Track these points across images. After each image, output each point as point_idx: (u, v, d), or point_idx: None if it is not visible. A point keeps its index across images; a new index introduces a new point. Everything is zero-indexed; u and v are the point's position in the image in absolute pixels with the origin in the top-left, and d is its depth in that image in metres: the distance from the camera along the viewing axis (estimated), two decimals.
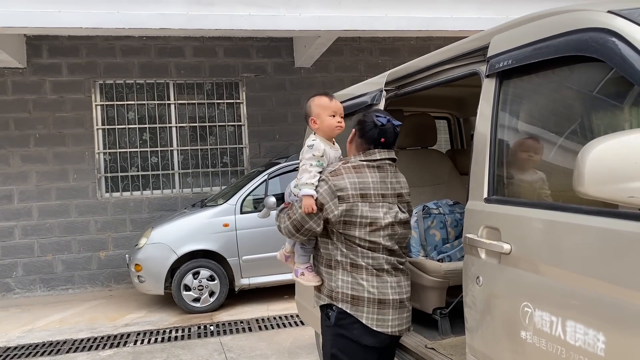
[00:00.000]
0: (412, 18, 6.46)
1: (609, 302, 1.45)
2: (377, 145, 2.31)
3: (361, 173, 2.25)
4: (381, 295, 2.24)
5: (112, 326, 5.91)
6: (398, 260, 2.33)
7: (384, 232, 2.25)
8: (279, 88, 8.42)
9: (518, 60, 1.92)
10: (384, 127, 2.29)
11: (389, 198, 2.28)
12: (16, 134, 7.59)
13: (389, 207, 2.27)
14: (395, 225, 2.29)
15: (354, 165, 2.27)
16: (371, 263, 2.25)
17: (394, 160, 2.37)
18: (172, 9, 5.87)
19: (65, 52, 7.74)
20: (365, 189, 2.23)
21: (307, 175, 2.26)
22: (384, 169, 2.31)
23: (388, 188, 2.30)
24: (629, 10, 1.61)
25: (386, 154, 2.32)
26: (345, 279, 2.25)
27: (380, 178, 2.28)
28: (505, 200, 1.95)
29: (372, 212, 2.22)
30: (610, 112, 1.71)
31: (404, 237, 2.37)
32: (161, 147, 8.15)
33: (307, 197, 2.22)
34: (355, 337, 2.25)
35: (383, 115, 2.32)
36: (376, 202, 2.24)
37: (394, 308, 2.26)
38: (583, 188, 1.34)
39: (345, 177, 2.21)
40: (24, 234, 7.61)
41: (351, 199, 2.20)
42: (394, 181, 2.33)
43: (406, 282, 2.37)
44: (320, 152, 2.32)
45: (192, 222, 6.41)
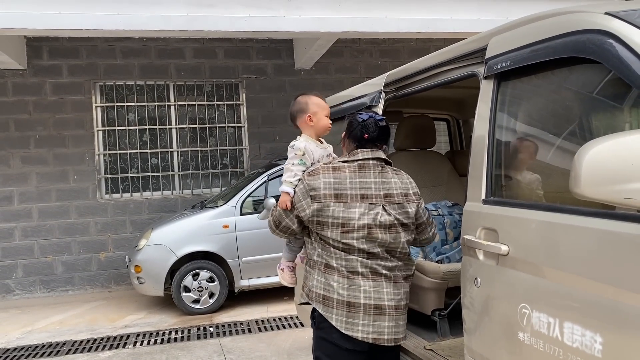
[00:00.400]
0: (412, 20, 6.47)
1: (606, 304, 1.45)
2: (361, 142, 2.29)
3: (339, 173, 2.23)
4: (350, 298, 2.18)
5: (112, 327, 5.91)
6: (383, 265, 2.21)
7: (358, 234, 2.17)
8: (279, 89, 8.43)
9: (516, 61, 1.92)
10: (365, 123, 2.28)
11: (371, 199, 2.20)
12: (16, 136, 7.60)
13: (368, 208, 2.19)
14: (373, 227, 2.17)
15: (334, 166, 2.27)
16: (344, 265, 2.20)
17: (383, 160, 2.30)
18: (172, 10, 5.88)
19: (66, 54, 7.75)
20: (341, 189, 2.20)
21: (287, 174, 2.35)
22: (365, 169, 2.25)
23: (370, 188, 2.21)
24: (626, 12, 1.61)
25: (369, 153, 2.27)
26: (319, 279, 2.25)
27: (360, 178, 2.22)
28: (503, 201, 1.95)
29: (345, 213, 2.18)
30: (607, 114, 1.71)
31: (389, 241, 2.21)
32: (161, 149, 8.16)
33: (284, 193, 2.31)
34: (334, 340, 2.21)
35: (365, 113, 2.35)
36: (352, 202, 2.18)
37: (366, 313, 2.16)
38: (580, 189, 1.34)
39: (320, 177, 2.23)
40: (24, 235, 7.61)
41: (322, 198, 2.19)
42: (378, 181, 2.24)
43: (392, 289, 2.21)
44: (300, 151, 2.38)
45: (192, 224, 6.41)
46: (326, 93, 7.12)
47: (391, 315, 2.20)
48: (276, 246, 6.18)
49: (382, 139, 2.32)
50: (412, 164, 3.61)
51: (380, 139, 2.31)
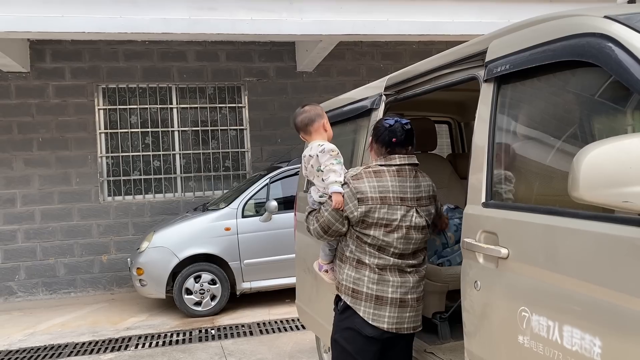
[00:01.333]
0: (413, 22, 6.48)
1: (605, 307, 1.45)
2: (391, 145, 2.42)
3: (381, 177, 2.37)
4: (379, 292, 2.36)
5: (114, 330, 5.92)
6: (408, 264, 2.40)
7: (398, 234, 2.34)
8: (281, 92, 8.44)
9: (516, 65, 1.93)
10: (392, 127, 2.43)
11: (407, 201, 2.37)
12: (19, 138, 7.63)
13: (406, 210, 2.36)
14: (410, 229, 2.36)
15: (375, 170, 2.41)
16: (376, 262, 2.36)
17: (415, 165, 2.46)
18: (174, 13, 5.90)
19: (69, 57, 7.78)
20: (385, 192, 2.34)
21: (333, 175, 2.42)
22: (403, 173, 2.40)
23: (407, 192, 2.38)
24: (625, 15, 1.61)
25: (406, 159, 2.43)
26: (349, 274, 2.42)
27: (399, 182, 2.38)
28: (503, 204, 1.95)
29: (389, 215, 2.33)
30: (606, 117, 1.71)
31: (419, 241, 2.42)
32: (163, 151, 8.17)
33: (336, 194, 2.38)
34: (356, 325, 2.39)
35: (391, 118, 2.49)
36: (394, 204, 2.34)
37: (393, 306, 2.35)
38: (578, 193, 1.34)
39: (365, 181, 2.36)
40: (26, 237, 7.63)
41: (370, 201, 2.33)
42: (412, 185, 2.41)
43: (416, 283, 2.42)
44: (334, 151, 2.49)
45: (194, 226, 6.42)
46: (328, 96, 7.18)
47: (413, 307, 2.41)
48: (277, 249, 6.23)
49: (409, 141, 2.46)
50: None
51: (407, 141, 2.45)
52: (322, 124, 2.62)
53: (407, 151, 2.46)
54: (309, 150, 2.56)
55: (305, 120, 2.62)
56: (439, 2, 6.56)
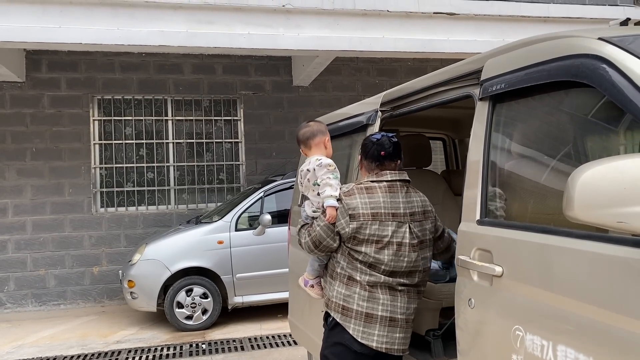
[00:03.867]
0: (409, 40, 6.54)
1: (599, 327, 1.45)
2: (380, 159, 2.43)
3: (372, 193, 2.38)
4: (369, 309, 2.34)
5: (104, 343, 5.84)
6: (400, 282, 2.36)
7: (389, 251, 2.33)
8: (276, 106, 8.46)
9: (511, 84, 1.94)
10: (380, 141, 2.45)
11: (400, 217, 2.36)
12: (13, 148, 7.59)
13: (398, 226, 2.35)
14: (402, 245, 2.34)
15: (366, 187, 2.42)
16: (367, 279, 2.35)
17: (407, 181, 2.47)
18: (171, 26, 5.93)
19: (65, 67, 7.78)
20: (376, 208, 2.35)
21: (329, 189, 2.44)
22: (394, 189, 2.41)
23: (399, 207, 2.38)
24: (619, 37, 1.64)
25: (397, 175, 2.43)
26: (340, 290, 2.40)
27: (391, 197, 2.38)
28: (498, 222, 1.96)
29: (380, 231, 2.33)
30: (600, 137, 1.73)
31: (413, 260, 2.37)
32: (157, 163, 8.16)
33: (331, 208, 2.39)
34: (346, 341, 2.37)
35: (377, 133, 2.52)
36: (386, 220, 2.34)
37: (382, 324, 2.33)
38: (573, 212, 1.34)
39: (357, 197, 2.37)
40: (17, 248, 7.56)
41: (361, 217, 2.33)
42: (404, 200, 2.40)
43: (407, 303, 2.39)
44: (332, 166, 2.51)
45: (187, 239, 6.38)
46: (323, 110, 7.21)
47: (403, 327, 2.38)
48: (270, 263, 6.20)
49: (397, 153, 2.48)
50: None
51: (396, 154, 2.47)
52: (324, 141, 2.65)
53: (396, 165, 2.48)
54: (306, 165, 2.58)
55: (308, 133, 2.67)
56: (435, 20, 6.64)
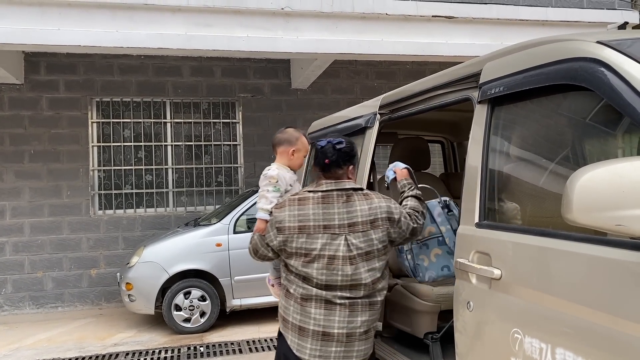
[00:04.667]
0: (407, 43, 6.55)
1: (597, 330, 1.45)
2: (324, 167, 2.33)
3: (304, 205, 2.28)
4: (302, 323, 2.27)
5: (101, 346, 5.82)
6: (338, 295, 2.23)
7: (318, 264, 2.21)
8: (275, 109, 8.47)
9: (510, 87, 1.95)
10: (323, 149, 2.35)
11: (334, 229, 2.23)
12: (11, 150, 7.58)
13: (330, 239, 2.22)
14: (335, 258, 2.20)
15: (300, 197, 2.32)
16: (300, 292, 2.27)
17: (350, 189, 2.30)
18: (170, 29, 5.93)
19: (63, 69, 7.77)
20: (304, 221, 2.25)
21: (263, 201, 2.48)
22: (329, 199, 2.27)
23: (334, 219, 2.23)
24: (617, 41, 1.64)
25: (332, 185, 2.29)
26: (281, 301, 2.41)
27: (324, 209, 2.25)
28: (496, 225, 1.96)
29: (307, 244, 2.23)
30: (599, 140, 1.73)
31: (350, 272, 2.21)
32: (156, 165, 8.15)
33: (260, 220, 2.44)
34: (285, 351, 2.34)
35: (324, 139, 2.40)
36: (315, 233, 2.23)
37: (315, 339, 2.24)
38: (571, 215, 1.35)
39: (286, 210, 2.30)
40: (14, 250, 7.54)
41: (287, 230, 2.26)
42: (342, 211, 2.25)
43: (347, 317, 2.23)
44: (274, 178, 2.52)
45: (185, 242, 6.37)
46: (322, 113, 7.20)
47: (340, 342, 2.23)
48: (268, 266, 6.17)
49: (344, 160, 2.35)
50: None
51: (342, 160, 2.33)
52: (289, 151, 2.63)
53: (345, 172, 2.35)
54: None
55: (276, 140, 2.71)
56: (433, 24, 6.65)
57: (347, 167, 2.36)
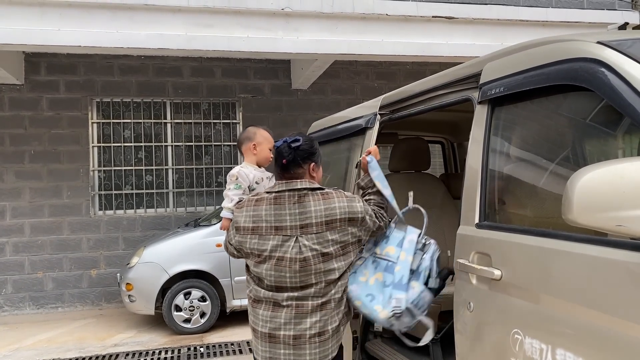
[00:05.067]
0: (408, 43, 6.55)
1: (598, 331, 1.45)
2: (283, 167, 2.27)
3: (258, 205, 2.24)
4: (254, 324, 2.30)
5: (101, 346, 5.82)
6: (286, 297, 2.17)
7: (267, 265, 2.18)
8: (275, 109, 8.47)
9: (510, 87, 1.95)
10: (279, 149, 2.28)
11: (285, 230, 2.17)
12: (11, 150, 7.58)
13: (283, 240, 2.17)
14: (283, 260, 2.14)
15: (257, 198, 2.29)
16: (253, 293, 2.29)
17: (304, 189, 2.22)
18: (171, 29, 5.93)
19: (63, 70, 7.78)
20: (257, 222, 2.22)
21: (226, 200, 2.57)
22: (281, 200, 2.21)
23: (285, 220, 2.18)
24: (618, 41, 1.64)
25: (284, 186, 2.23)
26: None
27: (275, 210, 2.20)
28: (497, 226, 1.95)
29: (259, 245, 2.21)
30: (599, 141, 1.73)
31: (299, 274, 2.15)
32: (156, 166, 8.15)
33: (224, 219, 2.52)
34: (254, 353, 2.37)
35: (281, 139, 2.33)
36: (266, 234, 2.20)
37: (263, 340, 2.24)
38: (572, 215, 1.34)
39: (243, 210, 2.29)
40: (15, 250, 7.54)
41: (242, 231, 2.26)
42: (294, 212, 2.18)
43: (294, 319, 2.17)
44: (234, 176, 2.59)
45: (185, 242, 6.37)
46: (322, 113, 7.20)
47: (287, 344, 2.17)
48: None
49: (303, 158, 2.27)
50: (406, 186, 3.61)
51: (300, 159, 2.26)
52: (250, 146, 2.71)
53: (307, 171, 2.28)
54: None
55: (238, 141, 2.83)
56: (434, 24, 6.65)
57: (308, 165, 2.29)
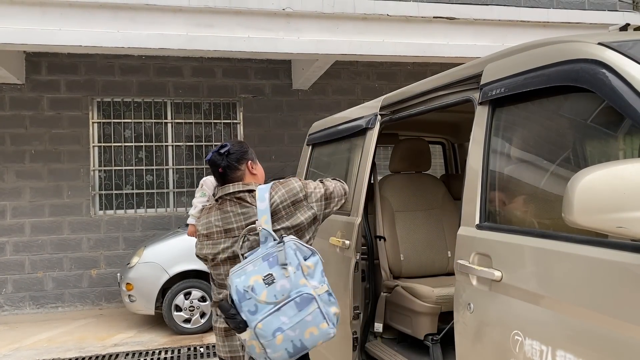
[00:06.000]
0: (408, 44, 6.55)
1: (598, 332, 1.44)
2: (221, 177, 2.30)
3: (209, 213, 2.32)
4: (213, 322, 2.39)
5: (101, 346, 5.82)
6: None
7: (224, 268, 2.24)
8: (276, 109, 8.47)
9: (511, 88, 1.95)
10: (211, 160, 2.31)
11: (234, 231, 2.22)
12: (12, 150, 7.59)
13: (232, 242, 2.21)
14: (237, 257, 2.16)
15: (209, 206, 2.37)
16: (215, 294, 2.35)
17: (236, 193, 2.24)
18: (172, 29, 5.93)
19: (64, 69, 7.78)
20: (210, 227, 2.28)
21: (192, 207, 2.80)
22: (224, 205, 2.27)
23: (232, 221, 2.23)
24: (619, 42, 1.64)
25: (220, 192, 2.29)
26: None
27: (222, 214, 2.26)
28: (497, 227, 1.95)
29: (213, 249, 2.26)
30: (600, 142, 1.73)
31: None
32: (157, 166, 8.15)
33: (190, 225, 2.66)
34: None
35: (209, 153, 2.35)
36: (218, 238, 2.25)
37: (220, 336, 2.33)
38: (572, 217, 1.34)
39: (202, 218, 2.34)
40: (15, 250, 7.54)
41: (201, 238, 2.32)
42: (238, 212, 2.22)
43: None
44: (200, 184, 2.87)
45: (185, 242, 6.34)
46: (322, 114, 7.19)
47: None
48: None
49: (237, 160, 2.30)
50: (406, 187, 3.62)
51: (235, 161, 2.29)
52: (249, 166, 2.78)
53: (247, 169, 2.31)
54: None
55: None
56: (434, 25, 6.65)
57: (244, 164, 2.32)
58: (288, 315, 1.93)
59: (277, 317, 1.93)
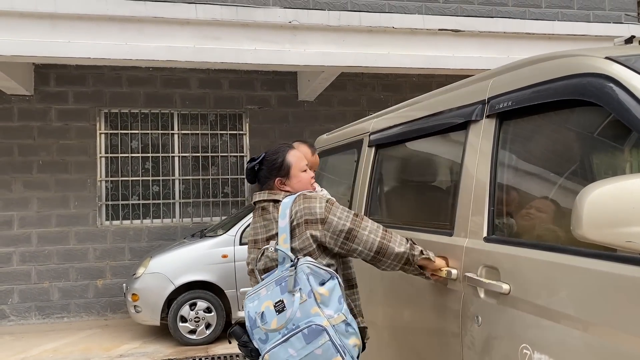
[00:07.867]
0: (414, 56, 6.57)
1: (607, 347, 1.44)
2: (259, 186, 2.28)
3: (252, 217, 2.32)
4: None
5: (107, 357, 5.82)
6: None
7: (252, 281, 2.18)
8: (282, 120, 8.50)
9: (518, 102, 1.96)
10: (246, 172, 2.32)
11: (260, 244, 2.17)
12: (20, 160, 7.64)
13: (259, 254, 2.13)
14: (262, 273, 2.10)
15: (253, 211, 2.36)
16: None
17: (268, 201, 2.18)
18: (179, 42, 5.99)
19: (72, 81, 7.85)
20: (254, 235, 2.26)
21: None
22: (255, 213, 2.25)
23: (258, 233, 2.20)
24: (626, 57, 1.65)
25: (252, 197, 2.27)
26: None
27: (253, 223, 2.26)
28: (505, 240, 1.95)
29: (247, 257, 2.27)
30: (607, 156, 1.73)
31: None
32: (163, 176, 8.18)
33: None
34: None
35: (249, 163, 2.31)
36: (250, 247, 2.24)
37: None
38: (581, 231, 1.34)
39: None
40: (21, 260, 7.57)
41: None
42: (262, 224, 2.18)
43: None
44: None
45: (191, 253, 6.38)
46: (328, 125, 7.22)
47: None
48: None
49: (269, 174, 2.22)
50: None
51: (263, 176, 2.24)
52: None
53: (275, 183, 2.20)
54: None
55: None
56: (440, 37, 6.68)
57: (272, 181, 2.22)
58: (295, 347, 1.80)
59: (284, 348, 1.82)
